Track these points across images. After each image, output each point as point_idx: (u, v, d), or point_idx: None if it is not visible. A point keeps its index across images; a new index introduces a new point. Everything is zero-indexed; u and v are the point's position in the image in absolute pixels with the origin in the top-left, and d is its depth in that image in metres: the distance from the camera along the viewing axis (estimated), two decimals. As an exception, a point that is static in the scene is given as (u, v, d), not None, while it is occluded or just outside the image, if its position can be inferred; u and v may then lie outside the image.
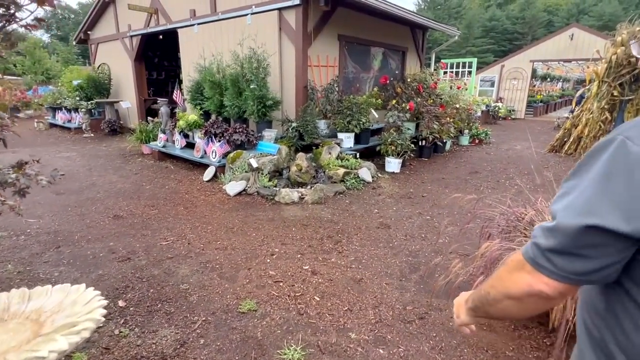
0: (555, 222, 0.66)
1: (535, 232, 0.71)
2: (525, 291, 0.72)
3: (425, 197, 5.13)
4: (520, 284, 0.73)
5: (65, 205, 4.72)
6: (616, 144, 0.62)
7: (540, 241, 0.69)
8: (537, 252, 0.69)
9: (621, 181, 0.59)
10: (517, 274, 0.74)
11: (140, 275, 3.07)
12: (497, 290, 0.80)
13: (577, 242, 0.63)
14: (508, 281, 0.76)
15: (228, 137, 5.97)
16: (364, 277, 3.09)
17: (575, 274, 0.65)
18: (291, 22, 6.11)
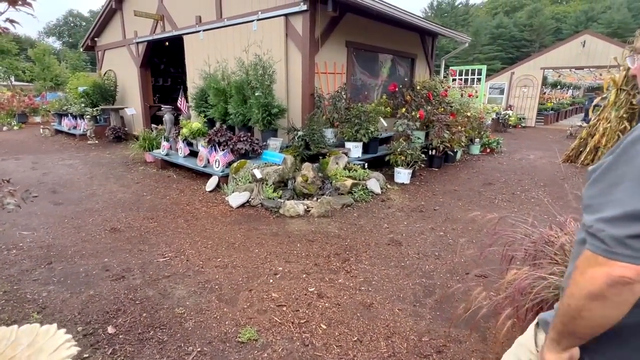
0: (624, 210, 0.69)
1: (598, 225, 0.74)
2: (605, 282, 0.72)
3: (438, 211, 4.88)
4: (598, 276, 0.73)
5: (62, 217, 4.54)
6: None
7: (612, 232, 0.71)
8: (613, 242, 0.71)
9: None
10: (591, 269, 0.74)
11: (134, 297, 2.85)
12: (577, 296, 0.77)
13: None
14: (584, 281, 0.76)
15: (232, 146, 5.78)
16: (374, 302, 2.84)
17: None
18: (298, 28, 5.95)
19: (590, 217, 0.77)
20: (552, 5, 56.20)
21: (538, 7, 52.26)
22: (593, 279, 0.74)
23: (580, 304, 0.77)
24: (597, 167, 0.81)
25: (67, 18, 59.87)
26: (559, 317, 0.84)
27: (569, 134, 12.65)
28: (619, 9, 44.48)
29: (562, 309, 0.82)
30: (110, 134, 10.08)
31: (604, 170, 0.77)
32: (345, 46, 6.70)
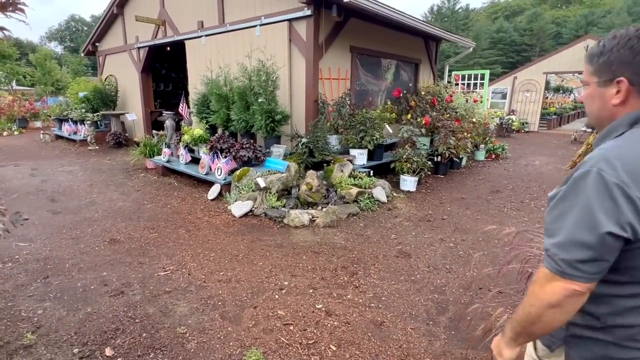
0: (569, 237, 0.84)
1: (553, 250, 0.88)
2: (563, 295, 0.87)
3: (446, 220, 4.75)
4: (557, 290, 0.87)
5: (60, 227, 4.42)
6: (594, 175, 0.83)
7: (563, 256, 0.85)
8: (564, 265, 0.85)
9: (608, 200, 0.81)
10: (550, 284, 0.89)
11: (133, 315, 2.72)
12: (537, 305, 0.92)
13: (599, 250, 0.82)
14: (544, 294, 0.90)
15: (234, 153, 5.67)
16: (385, 320, 2.71)
17: (598, 274, 0.84)
18: (302, 33, 5.85)
19: (547, 241, 0.91)
20: (552, 10, 56.38)
21: (538, 11, 52.41)
22: (552, 293, 0.89)
23: (540, 312, 0.92)
24: (554, 194, 0.94)
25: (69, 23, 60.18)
26: (519, 322, 0.99)
27: (574, 139, 12.54)
28: (619, 13, 44.56)
29: (522, 316, 0.97)
30: (111, 139, 9.98)
31: (557, 200, 0.91)
32: (349, 51, 6.60)
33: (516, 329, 1.01)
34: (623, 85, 0.91)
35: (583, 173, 0.86)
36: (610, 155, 0.85)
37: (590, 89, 0.99)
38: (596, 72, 0.97)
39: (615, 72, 0.92)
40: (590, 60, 0.99)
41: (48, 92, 21.82)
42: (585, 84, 1.02)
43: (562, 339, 1.05)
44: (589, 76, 0.99)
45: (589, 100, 1.01)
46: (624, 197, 0.80)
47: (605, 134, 0.97)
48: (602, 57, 0.95)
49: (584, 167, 0.86)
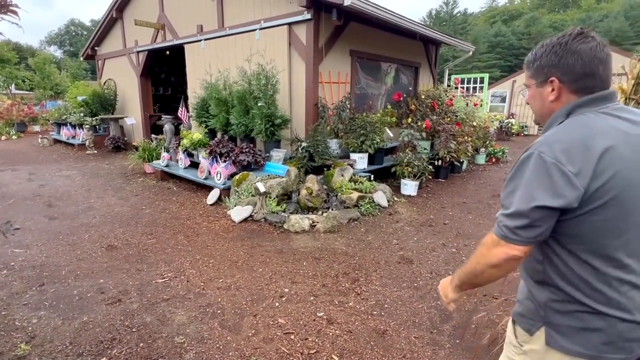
0: (514, 209, 1.01)
1: (500, 218, 1.05)
2: (503, 258, 1.04)
3: (448, 225, 4.70)
4: (499, 254, 1.04)
5: (57, 233, 4.36)
6: (535, 156, 0.99)
7: (507, 223, 1.02)
8: (507, 231, 1.02)
9: (545, 177, 0.97)
10: (495, 249, 1.05)
11: (130, 324, 2.66)
12: (482, 264, 1.10)
13: (532, 218, 0.98)
14: (489, 255, 1.07)
15: (234, 157, 5.62)
16: (388, 328, 2.65)
17: (533, 238, 1.01)
18: (302, 37, 5.83)
19: (499, 212, 1.07)
20: (549, 14, 56.71)
21: (535, 15, 52.69)
22: (496, 256, 1.05)
23: (483, 269, 1.10)
24: (506, 175, 1.10)
25: (68, 27, 60.29)
26: (466, 274, 1.18)
27: (573, 143, 12.51)
28: (616, 17, 44.80)
29: (468, 270, 1.16)
30: (110, 143, 9.93)
31: (509, 179, 1.06)
32: (349, 55, 6.58)
33: (462, 279, 1.21)
34: (555, 83, 1.09)
35: (527, 155, 1.02)
36: (549, 139, 1.01)
37: (532, 90, 1.17)
38: (533, 76, 1.15)
39: (547, 74, 1.10)
40: (527, 67, 1.17)
41: (47, 96, 21.78)
42: (527, 86, 1.19)
43: (542, 320, 1.12)
44: (528, 80, 1.17)
45: (532, 100, 1.18)
46: (560, 173, 0.95)
47: (547, 125, 1.13)
48: (536, 62, 1.13)
49: (529, 151, 1.02)
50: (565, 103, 1.09)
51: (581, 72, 1.05)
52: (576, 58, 1.04)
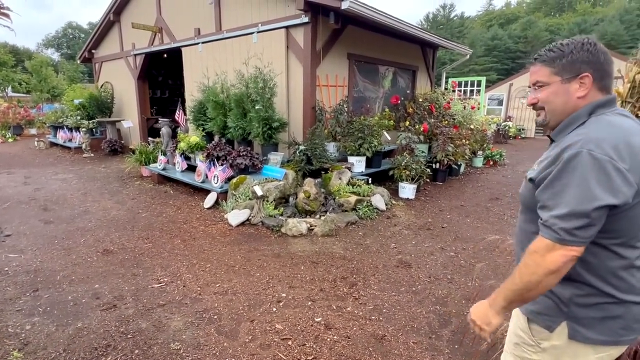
0: (569, 209, 0.98)
1: (552, 221, 1.01)
2: (563, 262, 1.00)
3: (446, 229, 4.69)
4: (558, 258, 1.00)
5: (52, 237, 4.31)
6: (585, 154, 0.98)
7: (563, 225, 0.99)
8: (564, 233, 0.99)
9: (602, 175, 0.95)
10: (551, 254, 1.01)
11: (126, 330, 2.62)
12: (538, 273, 1.02)
13: (592, 217, 0.97)
14: (546, 262, 1.01)
15: (231, 160, 5.59)
16: (386, 334, 2.63)
17: (590, 237, 0.99)
18: (299, 40, 5.83)
19: (545, 214, 1.04)
20: (545, 18, 57.10)
21: (532, 19, 53.07)
22: (553, 261, 1.00)
23: (540, 279, 1.02)
24: (544, 175, 1.07)
25: (66, 30, 60.20)
26: (515, 291, 1.08)
27: (570, 146, 12.57)
28: (612, 21, 45.16)
29: (520, 285, 1.06)
30: (106, 147, 9.88)
31: (551, 179, 1.03)
32: (347, 58, 6.58)
33: (510, 298, 1.10)
34: (588, 79, 1.09)
35: (574, 154, 0.99)
36: (592, 137, 1.00)
37: (553, 87, 1.15)
38: (559, 72, 1.13)
39: (579, 70, 1.10)
40: (551, 63, 1.14)
41: (44, 99, 21.71)
42: (544, 84, 1.16)
43: (564, 316, 1.12)
44: (550, 77, 1.15)
45: (552, 97, 1.15)
46: (615, 170, 0.95)
47: (566, 124, 1.13)
48: (565, 58, 1.12)
49: (572, 150, 1.00)
50: (590, 100, 1.11)
51: (608, 71, 1.10)
52: (605, 58, 1.09)
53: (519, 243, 1.29)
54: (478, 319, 1.18)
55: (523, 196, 1.23)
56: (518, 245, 1.30)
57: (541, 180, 1.07)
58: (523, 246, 1.23)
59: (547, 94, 1.17)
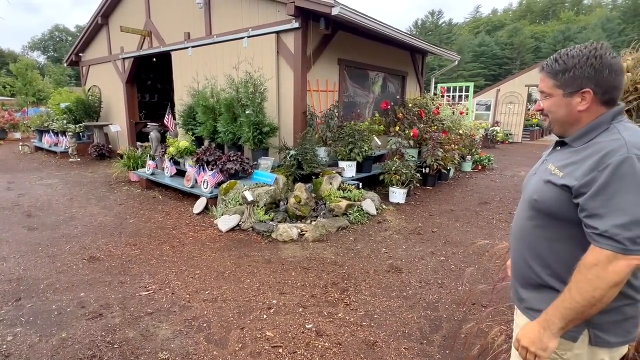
0: (632, 218, 0.96)
1: (615, 231, 0.97)
2: (627, 272, 0.98)
3: (436, 233, 4.71)
4: (622, 269, 0.98)
5: (36, 244, 4.20)
6: (636, 160, 0.98)
7: (627, 235, 0.96)
8: (628, 242, 0.96)
9: None
10: (613, 266, 0.98)
11: (112, 340, 2.56)
12: (602, 288, 0.99)
13: None
14: (609, 275, 0.98)
15: (221, 165, 5.55)
16: (378, 340, 2.62)
17: None
18: (290, 46, 5.84)
19: (603, 224, 0.99)
20: (531, 25, 58.42)
21: (518, 26, 54.25)
22: (618, 272, 0.97)
23: (603, 293, 0.99)
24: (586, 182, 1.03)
25: (53, 33, 59.34)
26: (576, 309, 1.03)
27: (556, 150, 12.80)
28: (594, 29, 46.46)
29: (582, 302, 1.02)
30: (94, 151, 9.72)
31: (600, 187, 0.99)
32: (337, 64, 6.62)
33: (569, 317, 1.05)
34: (589, 95, 1.11)
35: (622, 160, 0.98)
36: (635, 142, 1.01)
37: (556, 99, 1.17)
38: (562, 86, 1.15)
39: (581, 85, 1.11)
40: (554, 76, 1.16)
41: (29, 103, 21.30)
42: (547, 95, 1.20)
43: (586, 325, 1.11)
44: (553, 89, 1.17)
45: (554, 108, 1.19)
46: None
47: (588, 130, 1.13)
48: (568, 73, 1.13)
49: (619, 155, 0.99)
50: (594, 114, 1.13)
51: (613, 85, 1.10)
52: (610, 72, 1.08)
53: (525, 249, 1.27)
54: (532, 345, 1.12)
55: (541, 202, 1.18)
56: (523, 250, 1.27)
57: (583, 187, 1.04)
58: (531, 252, 1.22)
59: (550, 105, 1.20)
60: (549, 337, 1.09)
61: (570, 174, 1.09)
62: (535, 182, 1.26)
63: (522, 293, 1.31)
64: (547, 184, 1.16)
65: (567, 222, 1.13)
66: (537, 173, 1.30)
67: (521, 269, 1.30)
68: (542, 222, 1.20)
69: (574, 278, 1.06)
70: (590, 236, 1.04)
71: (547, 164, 1.24)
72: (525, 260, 1.27)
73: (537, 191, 1.21)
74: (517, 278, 1.34)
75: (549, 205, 1.16)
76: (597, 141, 1.08)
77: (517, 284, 1.35)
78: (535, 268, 1.24)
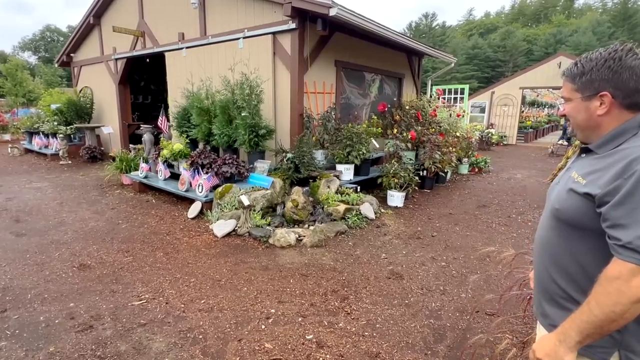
0: None
1: (638, 242, 0.91)
2: None
3: (436, 237, 4.64)
4: None
5: (23, 251, 4.05)
6: None
7: None
8: None
9: None
10: (637, 279, 0.91)
11: (103, 354, 2.44)
12: (623, 303, 0.93)
13: None
14: (632, 289, 0.92)
15: (216, 168, 5.43)
16: (381, 351, 2.53)
17: None
18: (286, 46, 5.75)
19: (627, 235, 0.93)
20: (523, 28, 59.05)
21: (510, 29, 54.78)
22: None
23: (625, 309, 0.93)
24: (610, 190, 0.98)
25: (44, 33, 58.56)
26: (594, 323, 0.97)
27: (551, 152, 12.88)
28: (585, 32, 47.07)
29: (600, 316, 0.96)
30: (85, 153, 9.52)
31: (624, 195, 0.94)
32: (334, 65, 6.54)
33: (587, 331, 0.99)
34: (607, 98, 1.06)
35: None
36: None
37: (574, 103, 1.14)
38: (579, 89, 1.11)
39: (597, 88, 1.07)
40: (572, 80, 1.13)
41: (19, 104, 20.93)
42: (567, 99, 1.16)
43: (617, 345, 1.06)
44: (572, 93, 1.14)
45: (574, 113, 1.15)
46: None
47: (614, 135, 1.07)
48: (585, 76, 1.09)
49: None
50: (614, 119, 1.08)
51: (634, 87, 1.03)
52: (631, 74, 1.03)
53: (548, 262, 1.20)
54: (546, 357, 1.07)
55: (563, 211, 1.13)
56: (547, 263, 1.21)
57: (607, 196, 0.99)
58: (555, 265, 1.16)
59: (570, 109, 1.16)
60: (565, 350, 1.03)
61: (594, 182, 1.03)
62: (557, 191, 1.20)
63: (546, 308, 1.24)
64: (569, 192, 1.11)
65: (591, 232, 1.06)
66: (560, 181, 1.24)
67: (544, 282, 1.23)
68: (566, 232, 1.14)
69: (594, 290, 1.00)
70: (612, 247, 0.98)
71: (570, 172, 1.18)
72: (549, 274, 1.20)
73: (559, 200, 1.15)
74: (541, 292, 1.27)
75: (571, 214, 1.10)
76: (623, 147, 1.03)
77: (540, 298, 1.28)
78: (559, 282, 1.17)
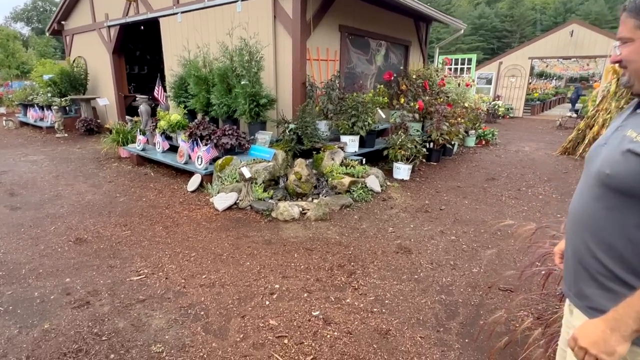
0: None
1: None
2: None
3: (444, 211, 4.48)
4: None
5: (18, 225, 3.92)
6: None
7: None
8: None
9: None
10: None
11: (100, 331, 2.33)
12: None
13: None
14: None
15: (216, 140, 5.21)
16: (391, 327, 2.41)
17: None
18: (287, 9, 5.38)
19: None
20: (532, -4, 56.65)
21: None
22: None
23: None
24: None
25: (36, 3, 56.53)
26: None
27: (559, 125, 12.54)
28: (596, 0, 45.15)
29: None
30: (81, 126, 9.27)
31: None
32: (338, 30, 6.17)
33: None
34: None
35: None
36: None
37: (638, 44, 0.94)
38: None
39: None
40: (637, 14, 0.93)
41: (12, 76, 20.40)
42: (626, 40, 0.96)
43: None
44: (635, 31, 0.94)
45: (634, 56, 0.95)
46: None
47: None
48: None
49: None
50: None
51: None
52: None
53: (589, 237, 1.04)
54: (593, 347, 0.92)
55: (615, 177, 0.94)
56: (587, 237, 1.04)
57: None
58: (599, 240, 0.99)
59: (629, 52, 0.95)
60: (618, 339, 0.88)
61: None
62: (606, 153, 0.99)
63: (584, 288, 1.06)
64: (626, 153, 0.91)
65: None
66: (608, 142, 1.02)
67: (583, 259, 1.05)
68: (615, 202, 0.95)
69: None
70: None
71: (623, 130, 0.97)
72: (590, 250, 1.02)
73: (609, 163, 0.95)
74: (577, 270, 1.09)
75: (628, 180, 0.91)
76: None
77: (576, 277, 1.10)
78: (603, 260, 0.99)
